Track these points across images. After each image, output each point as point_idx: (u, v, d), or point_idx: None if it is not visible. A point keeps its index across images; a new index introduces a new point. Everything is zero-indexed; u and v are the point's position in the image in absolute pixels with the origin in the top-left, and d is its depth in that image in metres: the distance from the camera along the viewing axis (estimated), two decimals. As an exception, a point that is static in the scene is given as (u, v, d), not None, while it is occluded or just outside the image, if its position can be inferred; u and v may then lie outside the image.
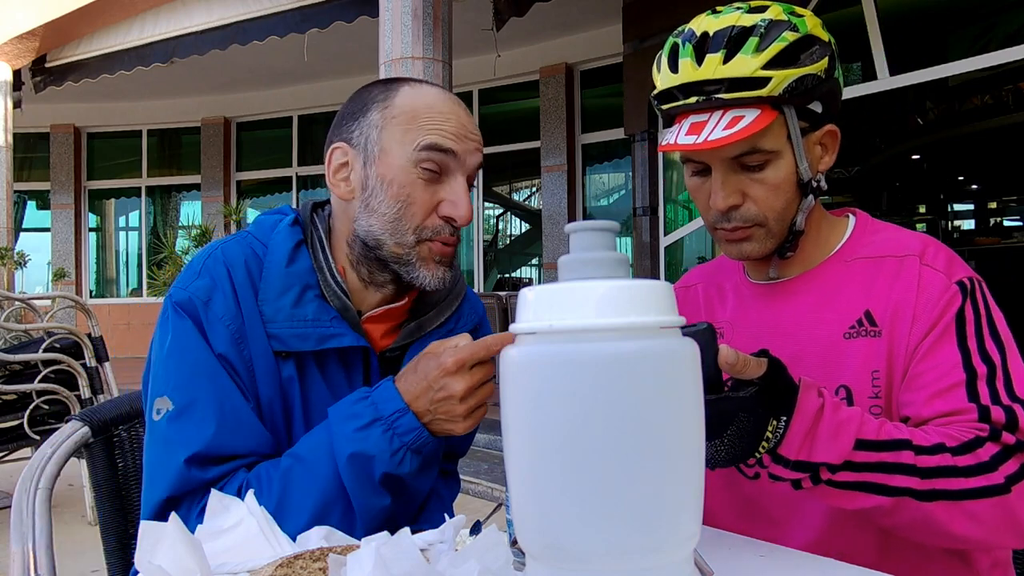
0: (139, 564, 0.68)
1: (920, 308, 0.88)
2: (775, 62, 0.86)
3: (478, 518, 0.83)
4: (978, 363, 0.85)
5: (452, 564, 0.65)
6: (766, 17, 0.88)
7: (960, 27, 5.18)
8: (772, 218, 0.92)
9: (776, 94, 0.86)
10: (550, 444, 0.46)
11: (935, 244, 0.94)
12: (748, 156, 0.89)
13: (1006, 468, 0.78)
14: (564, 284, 0.49)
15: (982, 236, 8.71)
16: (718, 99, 0.86)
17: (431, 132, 0.90)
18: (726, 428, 0.73)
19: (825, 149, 0.96)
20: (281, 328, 0.90)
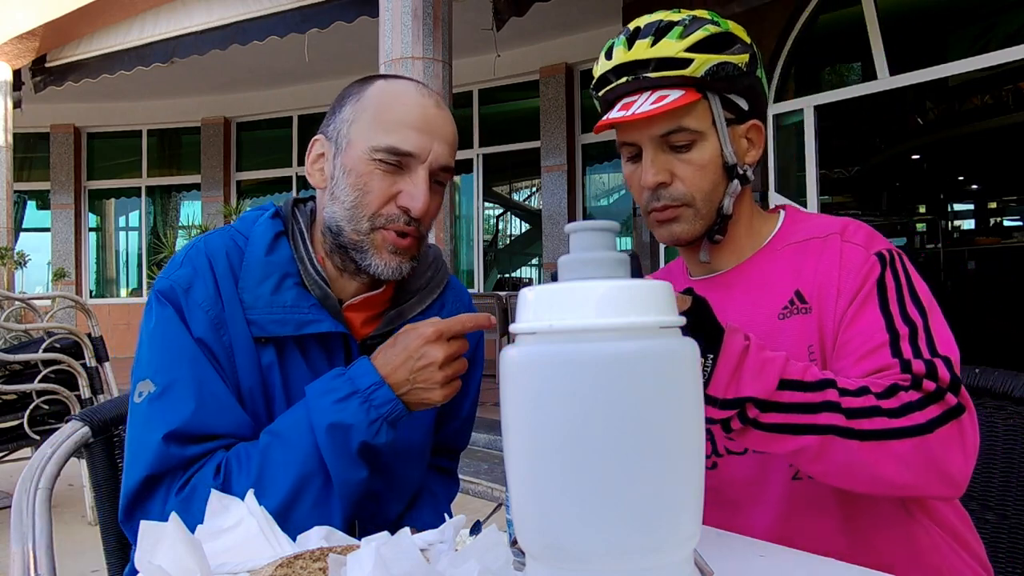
0: (139, 564, 0.68)
1: (843, 281, 0.93)
2: (697, 47, 0.94)
3: (478, 518, 0.83)
4: (900, 325, 0.89)
5: (452, 564, 0.65)
6: (691, 15, 0.98)
7: (960, 27, 5.18)
8: (699, 198, 0.98)
9: (698, 75, 0.94)
10: (550, 444, 0.46)
11: (855, 223, 1.00)
12: (675, 135, 0.96)
13: (928, 412, 0.81)
14: (564, 284, 0.49)
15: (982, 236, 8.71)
16: (646, 78, 0.95)
17: (392, 131, 0.92)
18: None
19: (751, 143, 1.02)
20: (260, 314, 0.92)
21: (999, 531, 1.12)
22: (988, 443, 1.16)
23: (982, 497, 1.15)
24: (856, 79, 5.32)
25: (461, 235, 9.06)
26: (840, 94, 5.22)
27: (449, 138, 0.97)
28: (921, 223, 9.19)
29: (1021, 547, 1.11)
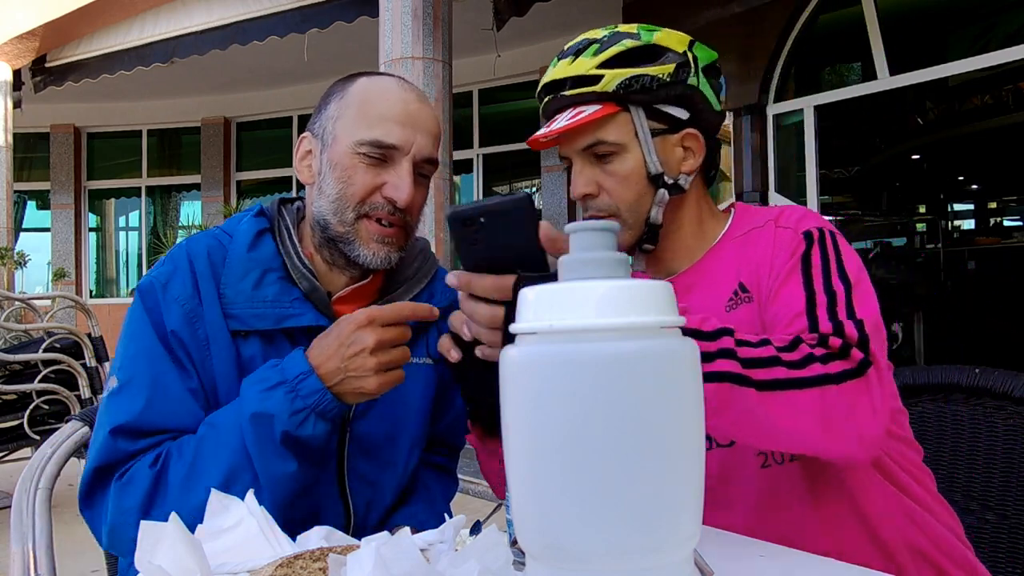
0: (139, 564, 0.68)
1: (775, 264, 0.95)
2: (609, 63, 0.98)
3: (478, 518, 0.83)
4: (820, 295, 0.89)
5: (452, 564, 0.65)
6: (616, 30, 1.02)
7: (960, 27, 5.18)
8: (624, 208, 1.00)
9: (609, 90, 0.97)
10: (550, 444, 0.46)
11: (791, 208, 1.02)
12: (596, 147, 0.99)
13: (831, 367, 0.80)
14: (564, 284, 0.49)
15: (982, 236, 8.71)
16: (564, 96, 1.00)
17: (375, 125, 0.95)
18: None
19: (689, 151, 1.03)
20: (241, 309, 0.95)
21: (999, 531, 1.13)
22: (988, 443, 1.16)
23: (982, 497, 1.15)
24: (856, 79, 5.32)
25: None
26: (840, 94, 5.22)
27: (432, 130, 0.99)
28: (921, 223, 9.18)
29: (1021, 547, 1.11)
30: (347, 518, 0.99)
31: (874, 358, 0.83)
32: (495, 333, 0.71)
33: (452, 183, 4.87)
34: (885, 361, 0.86)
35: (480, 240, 0.69)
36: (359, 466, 1.00)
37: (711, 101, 1.02)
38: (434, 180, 5.13)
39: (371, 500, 1.00)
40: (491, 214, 0.68)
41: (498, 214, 0.68)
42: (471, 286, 0.70)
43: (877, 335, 0.86)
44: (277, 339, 0.96)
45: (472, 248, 0.69)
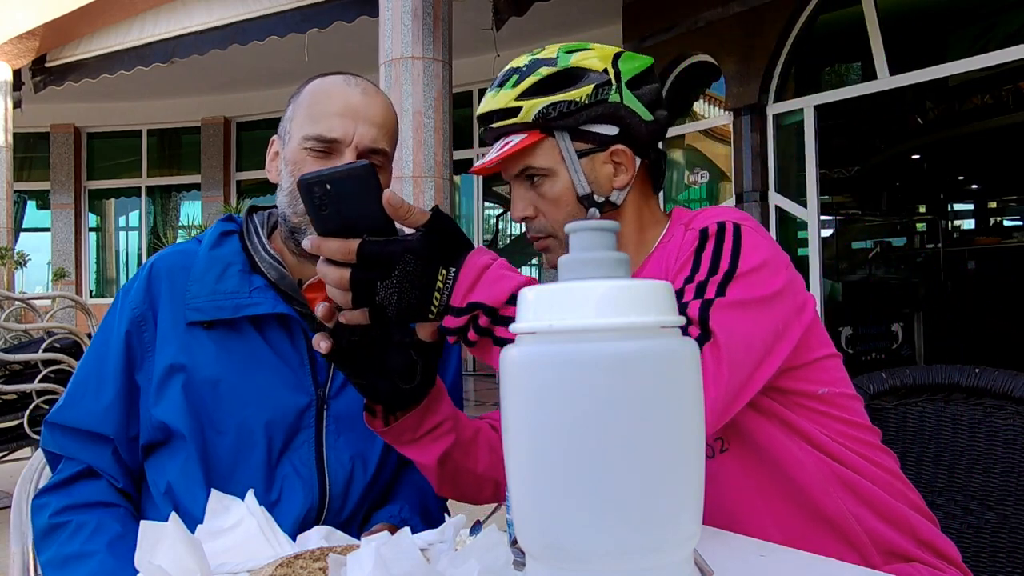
0: (139, 564, 0.68)
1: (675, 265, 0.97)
2: (526, 94, 1.01)
3: (478, 518, 0.83)
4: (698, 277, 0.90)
5: (452, 564, 0.65)
6: (535, 58, 1.03)
7: (960, 27, 5.18)
8: (558, 229, 1.04)
9: (529, 120, 1.00)
10: (550, 444, 0.46)
11: (706, 212, 1.02)
12: (525, 172, 1.03)
13: None
14: (564, 284, 0.49)
15: (982, 236, 8.71)
16: (491, 128, 1.04)
17: (319, 120, 1.01)
18: (393, 269, 0.75)
19: (619, 166, 1.05)
20: (203, 301, 1.02)
21: (999, 531, 1.13)
22: (988, 443, 1.16)
23: (982, 497, 1.15)
24: (856, 79, 5.32)
25: None
26: (840, 94, 5.23)
27: (377, 119, 1.04)
28: (921, 223, 9.19)
29: (1021, 547, 1.11)
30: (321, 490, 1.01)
31: (713, 335, 0.83)
32: (345, 294, 0.76)
33: (452, 183, 4.87)
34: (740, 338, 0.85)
35: (327, 206, 0.74)
36: (338, 441, 1.03)
37: (639, 112, 1.03)
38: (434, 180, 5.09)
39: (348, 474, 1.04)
40: (336, 181, 0.73)
41: (343, 181, 0.73)
42: (320, 249, 0.75)
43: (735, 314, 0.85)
44: (244, 328, 1.02)
45: (321, 214, 0.75)
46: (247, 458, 0.98)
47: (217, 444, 0.98)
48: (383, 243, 0.76)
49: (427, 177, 4.63)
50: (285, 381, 1.01)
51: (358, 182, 0.74)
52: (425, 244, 0.77)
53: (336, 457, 1.03)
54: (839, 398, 1.00)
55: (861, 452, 0.99)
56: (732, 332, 0.84)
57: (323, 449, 1.02)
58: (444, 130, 4.70)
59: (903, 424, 1.27)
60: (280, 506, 0.97)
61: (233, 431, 0.99)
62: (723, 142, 6.33)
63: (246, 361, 1.01)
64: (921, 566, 0.95)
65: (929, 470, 1.22)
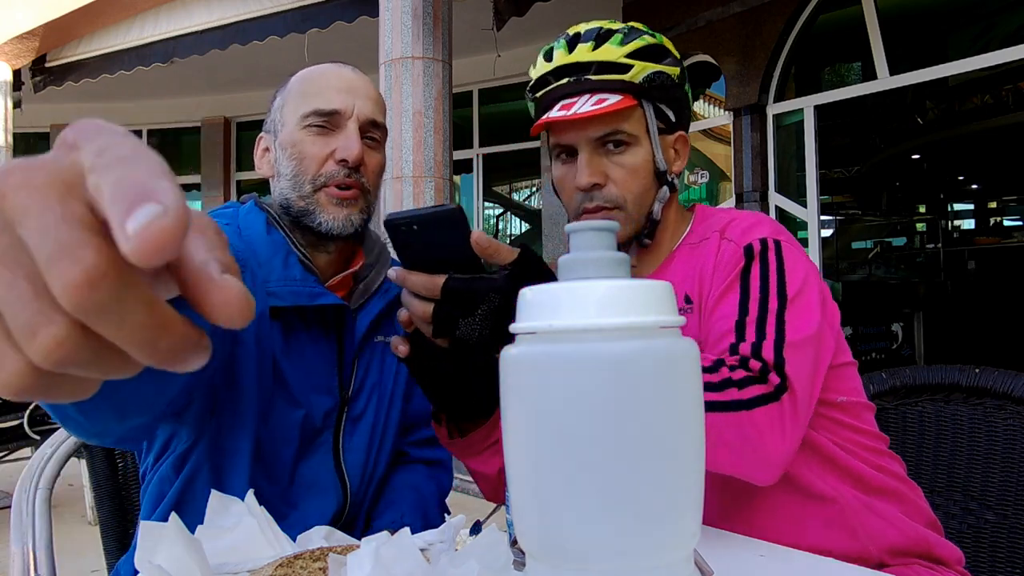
0: (139, 564, 0.68)
1: (715, 279, 0.96)
2: (636, 54, 0.98)
3: (478, 518, 0.84)
4: (752, 309, 0.89)
5: (452, 564, 0.65)
6: (628, 25, 1.02)
7: (960, 27, 5.18)
8: (631, 200, 1.00)
9: (637, 81, 0.98)
10: (550, 444, 0.46)
11: (740, 217, 1.02)
12: (611, 136, 0.99)
13: (748, 391, 0.81)
14: (564, 284, 0.49)
15: (982, 236, 8.71)
16: (587, 80, 0.98)
17: (315, 97, 1.00)
18: (477, 307, 0.75)
19: (677, 153, 1.06)
20: (278, 286, 0.97)
21: (999, 531, 1.13)
22: (988, 443, 1.16)
23: (982, 497, 1.15)
24: (856, 79, 5.32)
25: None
26: (840, 94, 5.22)
27: (372, 95, 1.03)
28: (921, 223, 9.19)
29: (1021, 547, 1.11)
30: (343, 489, 1.02)
31: (791, 383, 0.83)
32: (427, 326, 0.75)
33: (452, 183, 4.86)
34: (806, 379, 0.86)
35: (413, 244, 0.73)
36: (353, 440, 1.04)
37: (691, 110, 1.06)
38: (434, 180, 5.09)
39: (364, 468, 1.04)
40: (423, 223, 0.72)
41: (430, 223, 0.72)
42: (405, 282, 0.75)
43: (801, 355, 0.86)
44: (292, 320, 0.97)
45: (407, 250, 0.74)
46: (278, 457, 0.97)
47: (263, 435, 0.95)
48: (469, 281, 0.74)
49: (427, 177, 4.63)
50: (321, 380, 1.01)
51: (446, 224, 0.72)
52: (511, 283, 0.75)
53: (353, 458, 1.03)
54: (854, 407, 1.00)
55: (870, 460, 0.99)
56: (801, 377, 0.85)
57: (340, 451, 1.02)
58: (444, 130, 4.70)
59: (903, 424, 1.27)
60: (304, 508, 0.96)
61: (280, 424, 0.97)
62: (723, 142, 6.32)
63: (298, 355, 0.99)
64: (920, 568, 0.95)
65: (929, 470, 1.22)
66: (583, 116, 0.95)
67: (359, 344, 1.06)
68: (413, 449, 1.16)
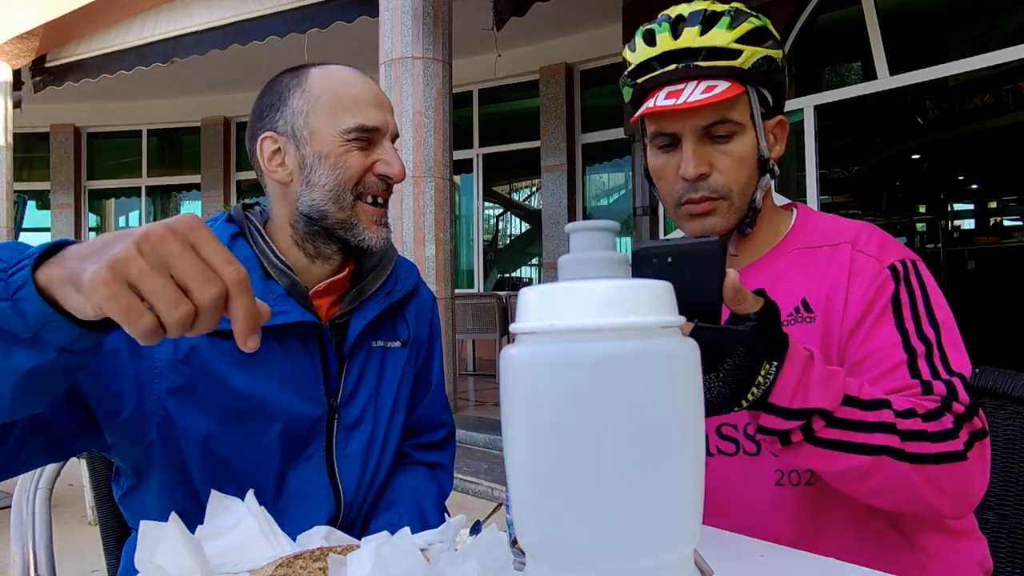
0: (139, 564, 0.68)
1: (852, 294, 0.92)
2: (745, 38, 0.94)
3: (478, 518, 0.83)
4: (916, 343, 0.88)
5: (452, 564, 0.65)
6: (733, 7, 0.98)
7: (960, 27, 5.18)
8: (736, 190, 0.97)
9: (746, 67, 0.94)
10: (550, 444, 0.46)
11: (868, 229, 0.98)
12: (717, 126, 0.95)
13: (961, 437, 0.81)
14: (564, 284, 0.49)
15: (982, 236, 8.70)
16: (696, 67, 0.94)
17: (357, 111, 0.99)
18: (723, 362, 0.71)
19: (776, 138, 1.02)
20: None
21: (999, 531, 1.12)
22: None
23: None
24: (856, 79, 5.32)
25: (461, 235, 9.06)
26: (840, 94, 5.23)
27: (392, 109, 1.06)
28: (921, 223, 9.19)
29: (1021, 547, 1.11)
30: (336, 500, 1.01)
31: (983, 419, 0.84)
32: None
33: (452, 183, 4.87)
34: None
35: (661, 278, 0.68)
36: (348, 449, 1.02)
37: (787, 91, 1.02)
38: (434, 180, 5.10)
39: (358, 479, 1.03)
40: (682, 255, 0.68)
41: (690, 256, 0.68)
42: None
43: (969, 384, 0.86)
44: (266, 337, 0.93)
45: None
46: (262, 470, 0.96)
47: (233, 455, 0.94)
48: (718, 332, 0.70)
49: (427, 177, 4.63)
50: (300, 391, 0.99)
51: (706, 259, 0.68)
52: (757, 336, 0.72)
53: (347, 466, 1.02)
54: None
55: None
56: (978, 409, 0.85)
57: (334, 459, 1.01)
58: (444, 130, 4.70)
59: (903, 424, 1.26)
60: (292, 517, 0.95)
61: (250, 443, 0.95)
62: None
63: (265, 370, 0.97)
64: None
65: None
66: (694, 105, 0.91)
67: (351, 349, 1.04)
68: (416, 452, 1.16)
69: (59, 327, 0.61)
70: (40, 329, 0.61)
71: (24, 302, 0.60)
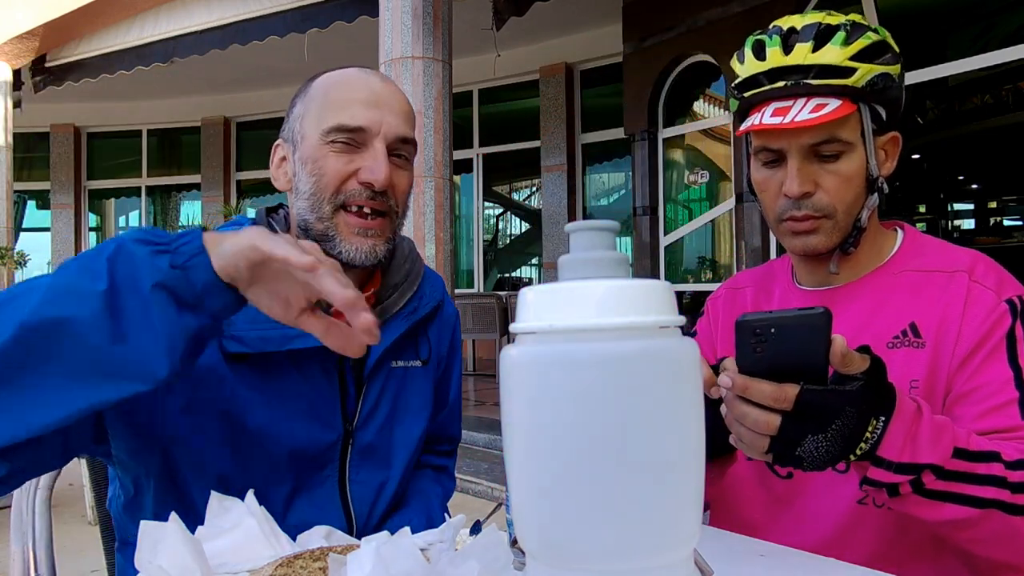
0: (139, 564, 0.68)
1: (967, 324, 0.90)
2: (860, 56, 0.91)
3: (478, 518, 0.83)
4: None
5: (452, 564, 0.65)
6: (849, 19, 0.94)
7: (960, 27, 5.18)
8: (841, 210, 0.94)
9: (860, 86, 0.91)
10: (550, 444, 0.46)
11: (985, 261, 0.96)
12: (825, 145, 0.92)
13: None
14: (564, 284, 0.48)
15: (982, 236, 8.71)
16: (806, 84, 0.91)
17: (340, 111, 0.91)
18: (831, 423, 0.71)
19: (887, 154, 1.00)
20: (244, 331, 0.88)
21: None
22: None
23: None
24: (856, 79, 5.32)
25: (461, 235, 9.06)
26: (840, 94, 5.22)
27: (401, 108, 0.96)
28: (921, 223, 9.19)
29: (1021, 547, 1.11)
30: (349, 524, 0.98)
31: None
32: (762, 439, 0.71)
33: (452, 183, 4.86)
34: None
35: (765, 349, 0.67)
36: (360, 473, 0.99)
37: (903, 102, 0.99)
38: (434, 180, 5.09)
39: (373, 504, 1.00)
40: (786, 328, 0.67)
41: (793, 328, 0.67)
42: (749, 391, 0.69)
43: None
44: (278, 359, 0.91)
45: (753, 355, 0.68)
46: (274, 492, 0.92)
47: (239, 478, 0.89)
48: (824, 393, 0.70)
49: (427, 177, 4.62)
50: (316, 415, 0.94)
51: (812, 331, 0.68)
52: (865, 396, 0.72)
53: (359, 490, 0.98)
54: None
55: None
56: None
57: (346, 483, 0.97)
58: (444, 130, 4.70)
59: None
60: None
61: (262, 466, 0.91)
62: (723, 142, 6.32)
63: (282, 394, 0.92)
64: None
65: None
66: (802, 125, 0.89)
67: (370, 372, 0.98)
68: (424, 456, 1.13)
69: (220, 294, 0.68)
70: (205, 295, 0.67)
71: (195, 270, 0.67)
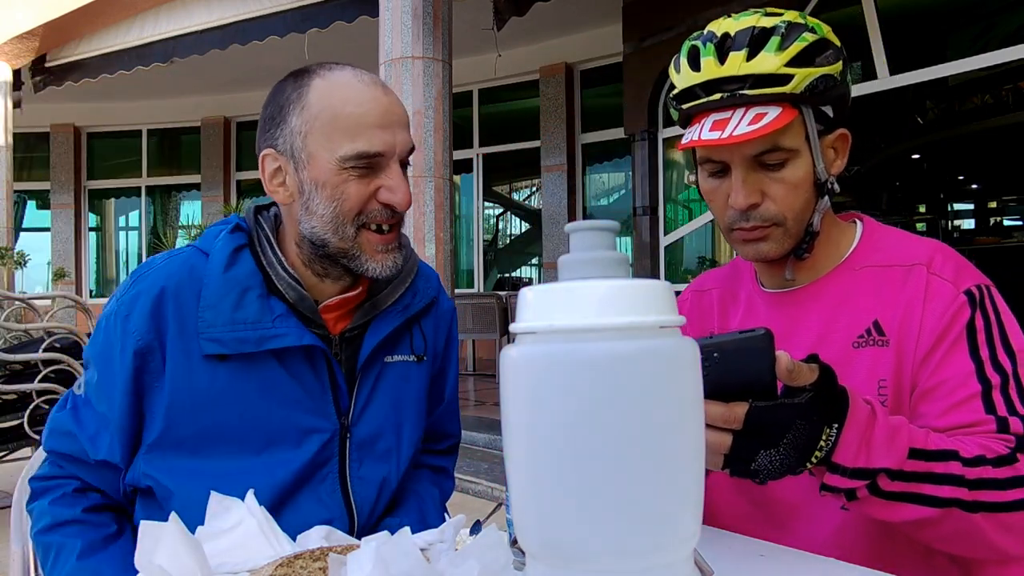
0: (139, 564, 0.68)
1: (927, 318, 0.89)
2: (796, 60, 0.88)
3: (478, 518, 0.84)
4: (991, 374, 0.85)
5: (452, 564, 0.65)
6: (785, 20, 0.91)
7: (960, 27, 5.18)
8: (791, 218, 0.93)
9: (798, 92, 0.88)
10: (550, 444, 0.46)
11: (943, 251, 0.94)
12: (768, 154, 0.90)
13: None
14: (564, 284, 0.49)
15: (982, 236, 8.71)
16: (742, 95, 0.88)
17: (356, 136, 0.90)
18: (782, 436, 0.71)
19: (837, 152, 0.98)
20: (222, 332, 0.92)
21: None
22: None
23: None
24: (856, 79, 5.32)
25: (461, 235, 9.06)
26: (840, 94, 5.22)
27: (405, 120, 0.96)
28: (921, 223, 9.19)
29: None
30: (351, 520, 0.98)
31: None
32: (718, 458, 0.71)
33: (452, 183, 4.86)
34: None
35: (711, 371, 0.68)
36: (361, 469, 0.99)
37: (850, 96, 0.97)
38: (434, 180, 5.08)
39: (374, 501, 1.00)
40: (728, 352, 0.68)
41: (735, 352, 0.68)
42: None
43: None
44: (262, 358, 0.93)
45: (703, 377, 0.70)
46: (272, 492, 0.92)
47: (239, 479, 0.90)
48: (773, 409, 0.70)
49: (427, 177, 4.62)
50: (307, 412, 0.95)
51: (752, 353, 0.69)
52: (815, 406, 0.72)
53: (361, 485, 0.99)
54: None
55: None
56: None
57: (347, 479, 0.98)
58: (444, 130, 4.69)
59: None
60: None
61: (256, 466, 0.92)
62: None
63: (268, 393, 0.93)
64: None
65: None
66: (741, 140, 0.86)
67: (363, 366, 1.00)
68: (420, 456, 1.13)
69: None
70: None
71: None
